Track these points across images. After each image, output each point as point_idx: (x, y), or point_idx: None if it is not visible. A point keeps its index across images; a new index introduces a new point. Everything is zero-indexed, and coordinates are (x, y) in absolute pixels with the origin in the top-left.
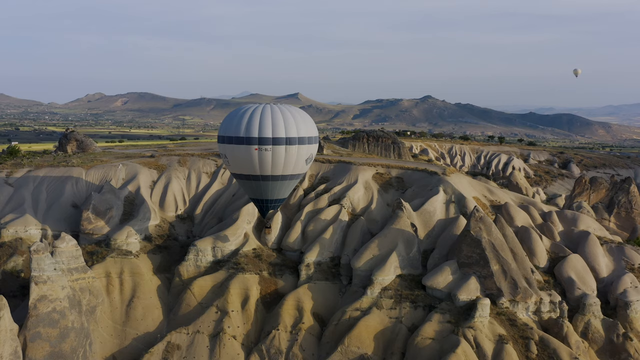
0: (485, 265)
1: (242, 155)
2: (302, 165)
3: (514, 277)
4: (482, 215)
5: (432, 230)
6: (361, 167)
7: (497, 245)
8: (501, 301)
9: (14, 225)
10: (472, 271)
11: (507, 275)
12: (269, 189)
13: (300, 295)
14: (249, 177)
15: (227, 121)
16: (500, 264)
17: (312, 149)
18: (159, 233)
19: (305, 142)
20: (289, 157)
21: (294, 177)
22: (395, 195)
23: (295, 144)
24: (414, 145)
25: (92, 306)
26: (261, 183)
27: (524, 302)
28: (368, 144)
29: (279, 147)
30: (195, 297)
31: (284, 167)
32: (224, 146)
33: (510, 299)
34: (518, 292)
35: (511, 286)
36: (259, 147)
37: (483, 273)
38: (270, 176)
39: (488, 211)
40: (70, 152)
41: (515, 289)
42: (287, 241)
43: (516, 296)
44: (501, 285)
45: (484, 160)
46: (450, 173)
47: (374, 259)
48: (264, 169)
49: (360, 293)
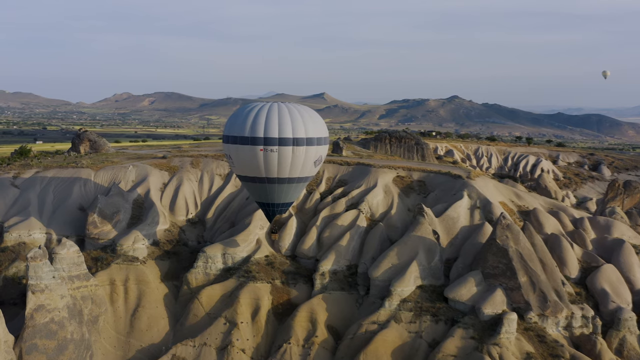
0: (513, 276)
1: (246, 156)
2: (311, 167)
3: (543, 289)
4: (509, 223)
5: (455, 237)
6: (381, 169)
7: (525, 255)
8: (529, 316)
9: (17, 229)
10: (498, 283)
11: (535, 288)
12: (275, 192)
13: (314, 306)
14: (254, 179)
15: (232, 120)
16: (528, 275)
17: (322, 151)
18: (168, 238)
19: (314, 143)
20: (296, 159)
21: (302, 180)
22: (416, 199)
23: (303, 145)
24: (439, 146)
25: (95, 316)
26: (267, 186)
27: (554, 317)
28: (390, 145)
29: (286, 148)
30: (203, 307)
31: (291, 170)
32: (228, 146)
33: (539, 314)
34: (547, 306)
35: (540, 299)
36: (265, 147)
37: (510, 285)
38: (276, 179)
39: (515, 217)
40: (83, 152)
41: (544, 303)
42: (301, 248)
43: (545, 310)
44: (529, 298)
45: (511, 162)
46: (475, 176)
47: (393, 268)
48: (270, 171)
49: (378, 305)
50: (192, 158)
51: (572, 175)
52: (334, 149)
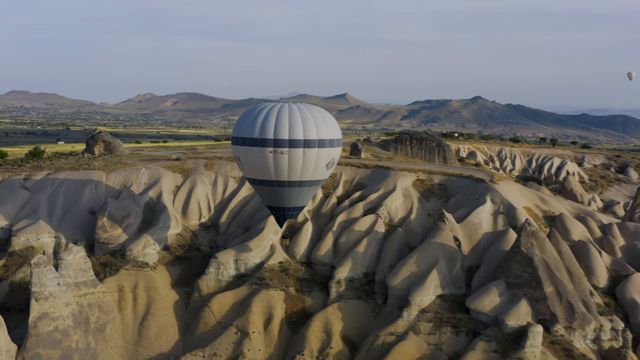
0: (538, 286)
1: (256, 158)
2: (322, 170)
3: (570, 300)
4: (534, 230)
5: (477, 245)
6: (400, 172)
7: (551, 264)
8: (555, 328)
9: (25, 232)
10: (523, 293)
11: (562, 298)
12: (286, 196)
13: (329, 316)
14: (263, 182)
15: (242, 121)
16: (554, 285)
17: (334, 153)
18: (179, 243)
19: (326, 145)
20: (308, 162)
21: (314, 184)
22: (437, 204)
23: (314, 147)
24: (461, 147)
25: (102, 324)
26: (277, 189)
27: (581, 329)
28: (411, 146)
29: (296, 150)
30: (214, 315)
31: (302, 172)
32: (237, 148)
33: (566, 326)
34: (575, 318)
35: (567, 311)
36: (274, 149)
37: (535, 295)
38: (286, 182)
39: (541, 223)
40: (97, 154)
41: (571, 314)
42: (317, 254)
43: (573, 322)
44: (555, 309)
45: (535, 164)
46: (498, 180)
47: (412, 276)
48: (280, 173)
49: (395, 315)
50: (206, 160)
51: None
52: (352, 151)
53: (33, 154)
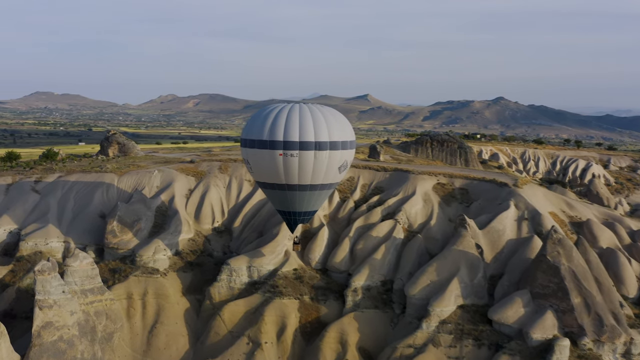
0: (565, 297)
1: (265, 161)
2: (335, 174)
3: (598, 312)
4: (560, 237)
5: (500, 252)
6: (420, 176)
7: (578, 274)
8: (583, 341)
9: (34, 237)
10: (549, 304)
11: (590, 310)
12: (297, 200)
13: (345, 326)
14: (273, 185)
15: (251, 122)
16: (582, 296)
17: (347, 156)
18: (191, 248)
19: (339, 147)
20: (319, 164)
21: (325, 187)
22: (458, 209)
23: (326, 149)
24: (483, 149)
25: (109, 332)
26: (287, 193)
27: (610, 343)
28: (432, 148)
29: (307, 153)
30: (225, 324)
31: (313, 176)
32: (246, 150)
33: (595, 339)
34: (604, 331)
35: (595, 323)
36: (284, 152)
37: (561, 307)
38: (297, 185)
39: (567, 229)
40: (111, 156)
41: (600, 327)
42: (333, 261)
43: (601, 335)
44: (583, 321)
45: (559, 166)
46: (522, 184)
47: (432, 285)
48: (290, 177)
49: (414, 325)
50: (220, 162)
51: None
52: (370, 153)
53: (46, 156)
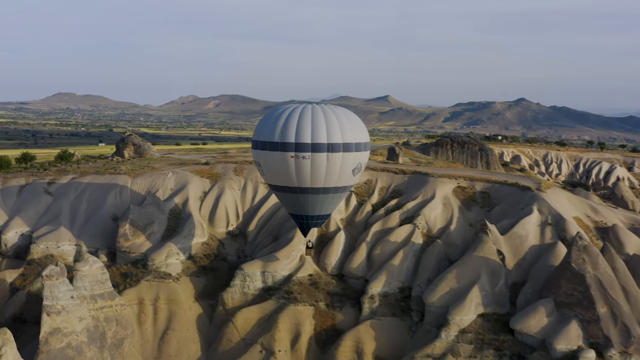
0: (590, 306)
1: (276, 164)
2: (349, 176)
3: (625, 322)
4: (586, 244)
5: (523, 259)
6: (440, 179)
7: (605, 282)
8: (610, 353)
9: (45, 240)
10: (573, 313)
11: (617, 320)
12: (309, 204)
13: (361, 334)
14: (285, 189)
15: (262, 124)
16: (608, 305)
17: (361, 158)
18: (205, 252)
19: (352, 149)
20: (332, 167)
21: (339, 191)
22: (479, 214)
23: (339, 151)
24: (505, 151)
25: (119, 339)
26: (299, 196)
27: (638, 355)
28: (452, 150)
29: (320, 155)
30: (238, 331)
31: (326, 179)
32: (257, 152)
33: (621, 351)
34: (631, 342)
35: (622, 334)
36: (296, 154)
37: (587, 316)
38: (309, 188)
39: (592, 235)
40: (127, 157)
41: (627, 338)
42: (349, 266)
43: (629, 347)
44: (610, 332)
45: (582, 169)
46: (546, 188)
47: (451, 292)
48: (302, 180)
49: (433, 334)
50: (236, 164)
51: None
52: (389, 155)
53: (61, 157)
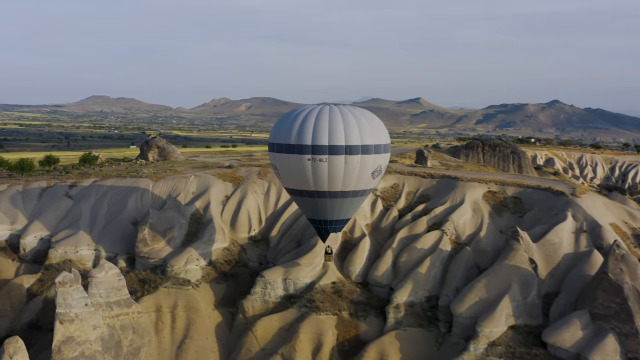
0: (628, 319)
1: (293, 167)
2: (368, 179)
3: None
4: (624, 253)
5: (556, 268)
6: (469, 183)
7: None
8: None
9: (64, 244)
10: (610, 326)
11: None
12: (327, 208)
13: (385, 346)
14: (302, 192)
15: (278, 125)
16: None
17: (381, 160)
18: (226, 258)
19: (372, 151)
20: (350, 170)
21: (358, 194)
22: (510, 220)
23: (357, 154)
24: (538, 154)
25: (136, 347)
26: (317, 200)
27: None
28: (483, 153)
29: (337, 157)
30: (257, 340)
31: (344, 182)
32: (273, 155)
33: None
34: None
35: None
36: (313, 156)
37: (624, 330)
38: (327, 192)
39: (629, 243)
40: (151, 160)
41: None
42: (374, 274)
43: None
44: None
45: (618, 172)
46: (581, 193)
47: (481, 302)
48: (320, 183)
49: (461, 347)
50: (260, 168)
51: None
52: (417, 158)
53: (85, 160)
